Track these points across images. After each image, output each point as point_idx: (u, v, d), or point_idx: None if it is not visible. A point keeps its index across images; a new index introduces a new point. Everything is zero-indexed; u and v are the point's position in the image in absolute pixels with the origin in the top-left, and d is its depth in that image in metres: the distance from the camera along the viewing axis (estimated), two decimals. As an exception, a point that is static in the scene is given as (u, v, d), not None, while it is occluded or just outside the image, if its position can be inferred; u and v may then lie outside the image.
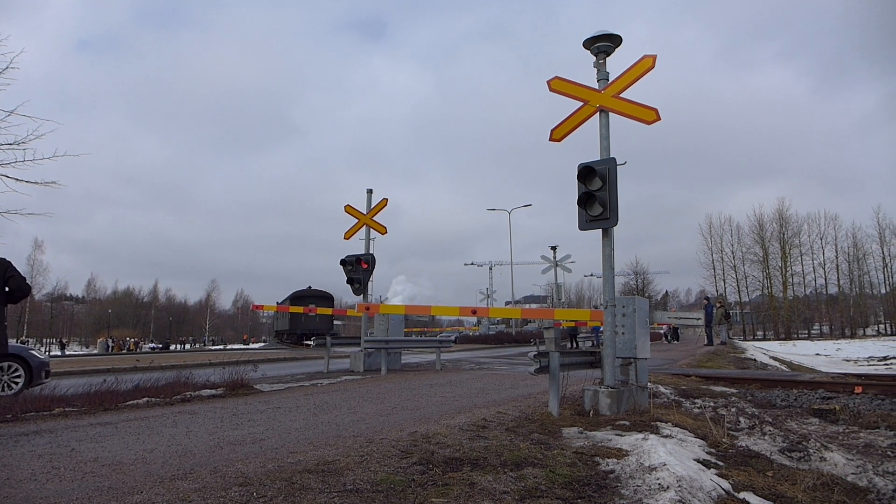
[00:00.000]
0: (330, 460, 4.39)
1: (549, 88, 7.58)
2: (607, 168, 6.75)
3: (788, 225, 69.44)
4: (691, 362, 15.85)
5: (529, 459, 4.44)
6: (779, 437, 6.35)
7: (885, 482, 5.14)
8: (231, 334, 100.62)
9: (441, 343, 15.12)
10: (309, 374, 13.78)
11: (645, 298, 7.37)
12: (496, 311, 9.95)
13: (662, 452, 4.59)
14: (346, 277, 14.60)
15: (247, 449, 5.03)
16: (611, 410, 6.49)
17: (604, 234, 6.92)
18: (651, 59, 6.95)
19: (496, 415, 6.57)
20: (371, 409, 7.51)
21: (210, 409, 7.67)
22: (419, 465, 4.25)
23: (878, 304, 73.42)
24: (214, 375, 10.35)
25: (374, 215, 15.07)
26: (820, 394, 9.22)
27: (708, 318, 23.82)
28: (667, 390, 8.89)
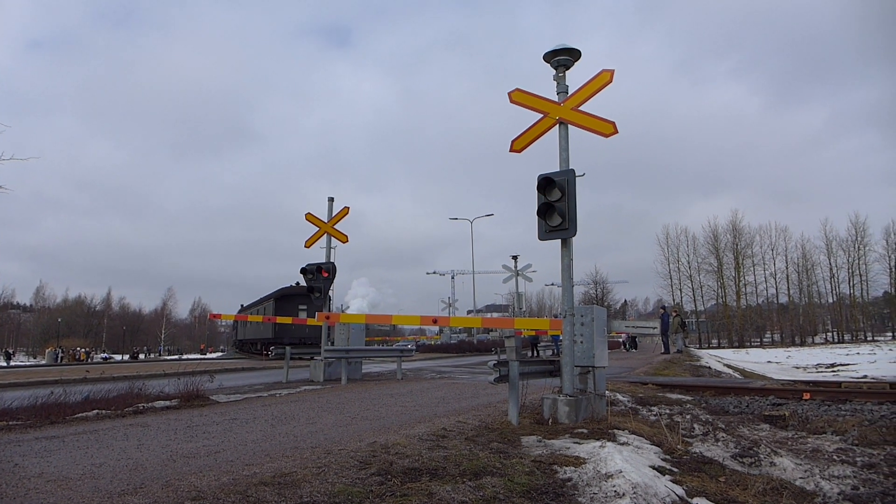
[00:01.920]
0: (287, 472, 4.32)
1: (509, 100, 7.68)
2: (566, 179, 6.86)
3: (741, 236, 71.66)
4: (648, 370, 16.15)
5: (488, 468, 4.45)
6: (731, 443, 6.51)
7: (831, 486, 5.33)
8: (188, 344, 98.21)
9: (402, 352, 15.05)
10: (267, 384, 13.54)
11: (603, 308, 7.49)
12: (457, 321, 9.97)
13: (619, 460, 4.66)
14: (307, 286, 14.45)
15: (201, 462, 4.92)
16: (569, 419, 6.56)
17: (563, 244, 7.01)
18: (609, 74, 7.10)
19: (456, 424, 6.57)
20: (330, 419, 7.42)
21: (163, 422, 7.47)
22: (378, 475, 4.22)
23: (825, 312, 76.16)
24: (169, 386, 10.08)
25: (336, 223, 14.96)
26: (771, 400, 9.50)
27: (664, 327, 24.31)
28: (624, 398, 9.03)
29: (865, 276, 71.50)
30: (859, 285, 71.90)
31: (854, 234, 71.03)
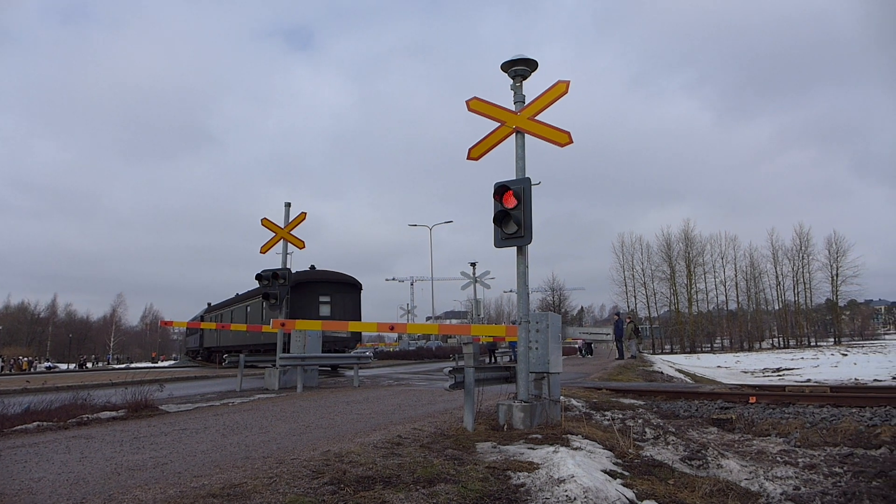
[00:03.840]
0: (237, 483, 4.23)
1: (467, 108, 7.73)
2: (522, 188, 6.93)
3: (693, 245, 73.61)
4: (603, 376, 16.41)
5: (442, 476, 4.45)
6: (681, 447, 6.67)
7: (774, 486, 5.51)
8: (139, 352, 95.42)
9: (359, 359, 14.92)
10: (220, 392, 13.24)
11: (558, 315, 7.59)
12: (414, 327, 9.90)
13: (571, 465, 4.72)
14: (262, 293, 14.21)
15: (147, 474, 4.77)
16: (524, 424, 6.61)
17: (518, 251, 7.08)
18: (565, 85, 7.22)
19: (412, 431, 6.54)
20: (284, 428, 7.30)
21: (109, 433, 7.22)
22: (330, 485, 4.17)
23: (772, 319, 78.83)
24: (116, 396, 9.77)
25: (292, 229, 14.79)
26: (719, 404, 9.76)
27: (619, 333, 24.78)
28: (579, 403, 9.15)
29: (809, 284, 74.40)
30: (803, 293, 74.76)
31: (799, 243, 73.90)
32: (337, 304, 23.09)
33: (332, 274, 24.36)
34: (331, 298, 23.01)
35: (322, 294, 22.96)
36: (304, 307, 22.09)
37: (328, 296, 22.97)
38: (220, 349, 32.73)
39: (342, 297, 23.46)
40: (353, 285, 24.79)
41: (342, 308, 23.16)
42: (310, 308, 22.44)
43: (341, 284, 24.21)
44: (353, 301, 24.01)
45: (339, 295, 23.41)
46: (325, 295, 22.89)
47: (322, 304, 22.86)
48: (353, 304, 23.92)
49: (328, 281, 23.75)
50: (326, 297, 22.94)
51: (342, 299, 23.45)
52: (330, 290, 23.20)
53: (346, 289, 24.10)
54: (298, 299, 22.01)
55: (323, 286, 23.36)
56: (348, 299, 23.79)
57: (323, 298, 22.85)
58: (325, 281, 23.73)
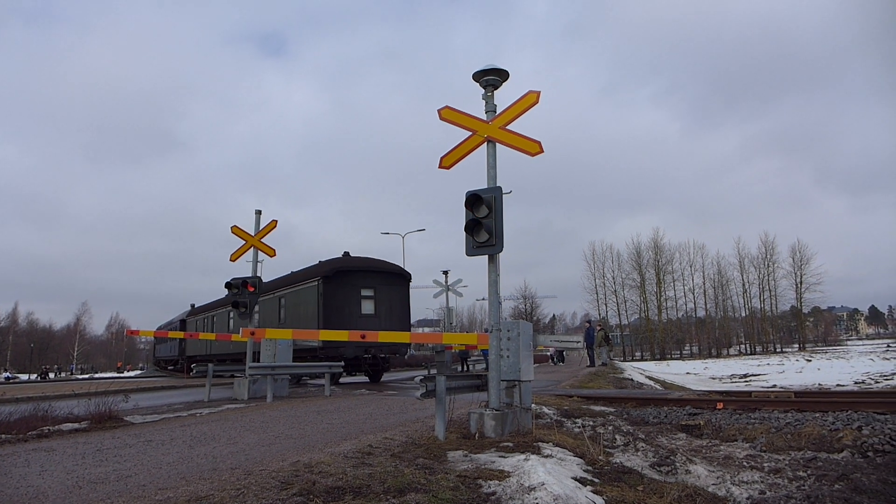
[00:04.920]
0: (203, 495, 4.15)
1: (439, 117, 7.76)
2: (493, 196, 6.97)
3: (662, 253, 74.63)
4: (574, 383, 16.51)
5: (413, 485, 4.42)
6: (650, 453, 6.74)
7: (740, 491, 5.60)
8: (104, 361, 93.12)
9: (331, 368, 14.78)
10: (188, 403, 13.00)
11: (529, 323, 7.62)
12: (385, 335, 9.84)
13: (542, 472, 4.74)
14: (231, 301, 14.02)
15: (110, 487, 4.65)
16: (495, 432, 6.61)
17: (490, 260, 7.11)
18: (535, 95, 7.29)
19: (383, 441, 6.50)
20: (253, 438, 7.19)
21: (71, 445, 7.03)
22: (299, 496, 4.11)
23: (739, 326, 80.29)
24: (79, 407, 9.51)
25: (263, 237, 14.62)
26: (687, 410, 9.89)
27: (589, 341, 24.99)
28: (550, 411, 9.19)
29: (774, 291, 76.02)
30: (769, 300, 76.34)
31: (764, 252, 75.50)
32: (382, 299, 19.38)
33: (376, 262, 20.21)
34: (374, 292, 19.26)
35: (364, 287, 19.16)
36: (343, 303, 18.50)
37: (371, 289, 19.22)
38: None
39: (388, 291, 19.70)
40: (400, 276, 20.68)
41: (388, 304, 19.58)
42: (349, 304, 18.74)
43: (387, 275, 20.07)
44: (400, 296, 20.12)
45: (385, 288, 19.63)
46: (368, 288, 19.14)
47: (364, 299, 19.06)
48: (400, 299, 20.12)
49: (371, 270, 19.68)
50: (369, 290, 19.19)
51: (388, 293, 19.68)
52: (374, 282, 19.36)
53: (393, 280, 20.10)
54: (335, 292, 18.39)
55: (365, 277, 19.43)
56: (395, 293, 19.95)
57: (365, 292, 19.10)
58: (368, 270, 19.64)
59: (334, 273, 18.87)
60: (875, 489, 5.31)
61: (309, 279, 19.70)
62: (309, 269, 20.68)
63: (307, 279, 19.83)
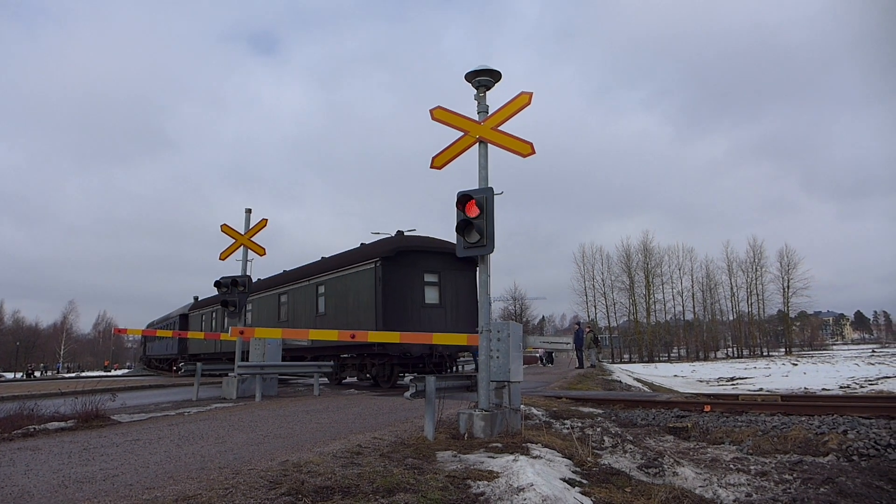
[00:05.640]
0: (191, 495, 4.13)
1: (431, 117, 7.76)
2: (485, 197, 6.98)
3: (652, 256, 75.07)
4: (563, 384, 16.55)
5: (402, 485, 4.42)
6: (638, 455, 6.77)
7: (727, 493, 5.64)
8: (91, 360, 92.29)
9: (320, 367, 14.73)
10: (176, 402, 12.92)
11: (519, 324, 7.64)
12: (375, 335, 9.80)
13: (531, 473, 4.75)
14: (221, 300, 13.96)
15: (96, 486, 4.62)
16: (485, 433, 6.62)
17: (480, 260, 7.12)
18: (527, 96, 7.31)
19: (372, 440, 6.49)
20: (241, 438, 7.16)
21: (57, 444, 6.97)
22: (288, 495, 4.10)
23: (726, 329, 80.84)
24: (65, 406, 9.44)
25: (253, 236, 14.57)
26: (675, 412, 9.94)
27: (578, 343, 25.05)
28: (539, 412, 9.21)
29: (762, 295, 76.64)
30: (756, 304, 76.95)
31: (752, 256, 76.12)
32: (448, 286, 16.58)
33: (440, 243, 16.92)
34: (439, 278, 16.46)
35: (428, 271, 16.30)
36: (404, 290, 15.79)
37: (436, 273, 16.38)
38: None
39: (454, 277, 16.82)
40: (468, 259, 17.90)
41: (454, 292, 16.77)
42: (411, 291, 15.97)
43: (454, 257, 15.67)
44: (467, 283, 17.12)
45: (451, 273, 16.71)
46: (432, 273, 16.31)
47: (428, 285, 16.25)
48: (468, 287, 17.07)
49: (435, 251, 16.50)
50: (433, 274, 16.36)
51: (454, 279, 16.80)
52: (438, 265, 16.41)
53: (460, 265, 16.74)
54: (396, 277, 15.56)
55: (428, 259, 16.44)
56: (462, 280, 17.00)
57: (429, 277, 16.27)
58: (432, 251, 16.59)
59: (396, 253, 15.87)
60: (860, 493, 5.37)
61: (362, 261, 16.56)
62: (360, 250, 17.72)
63: (360, 261, 16.66)
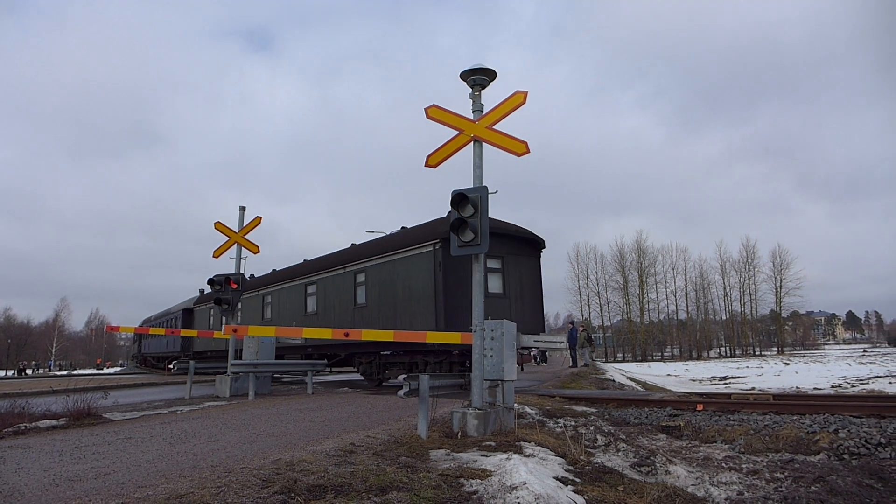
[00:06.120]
0: (183, 493, 4.11)
1: (426, 116, 7.76)
2: (479, 196, 6.98)
3: (645, 255, 75.21)
4: (556, 383, 16.58)
5: (395, 483, 4.42)
6: (630, 453, 6.80)
7: (719, 491, 5.66)
8: (83, 358, 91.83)
9: (313, 366, 14.71)
10: (168, 400, 12.87)
11: (512, 322, 7.64)
12: (369, 334, 9.74)
13: (524, 472, 4.76)
14: (214, 298, 13.92)
15: (88, 485, 4.60)
16: (478, 431, 6.63)
17: (474, 259, 7.13)
18: (523, 95, 7.31)
19: (365, 439, 6.48)
20: (234, 436, 7.14)
21: (48, 442, 6.93)
22: (280, 494, 4.09)
23: (719, 328, 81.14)
24: (56, 404, 9.39)
25: (247, 233, 14.53)
26: (668, 411, 9.98)
27: (572, 342, 25.09)
28: (532, 410, 9.23)
29: (755, 295, 76.92)
30: (749, 304, 77.22)
31: (745, 256, 76.40)
32: (511, 273, 14.93)
33: (503, 225, 15.04)
34: (502, 264, 14.74)
35: (490, 255, 14.28)
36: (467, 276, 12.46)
37: (498, 258, 14.66)
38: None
39: (518, 263, 15.16)
40: (533, 243, 15.79)
41: (518, 281, 15.16)
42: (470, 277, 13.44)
43: (517, 242, 15.33)
44: (531, 271, 15.59)
45: (514, 259, 15.10)
46: (495, 258, 14.62)
47: (491, 272, 14.49)
48: (531, 275, 15.58)
49: (498, 233, 14.01)
50: (496, 260, 14.64)
51: (518, 266, 15.15)
52: (501, 250, 14.71)
53: (524, 249, 15.41)
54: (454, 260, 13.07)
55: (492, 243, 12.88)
56: (526, 267, 15.41)
57: (492, 263, 14.50)
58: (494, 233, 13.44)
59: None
60: (850, 491, 5.40)
61: (416, 244, 14.47)
62: (414, 231, 15.57)
63: (413, 244, 14.60)
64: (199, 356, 26.88)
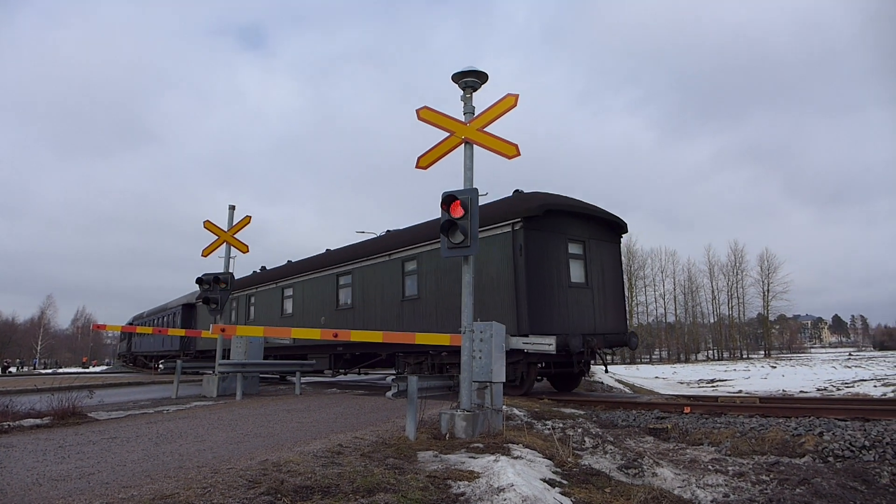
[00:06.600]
0: (168, 494, 4.08)
1: (417, 117, 7.76)
2: (469, 198, 6.98)
3: (635, 259, 75.60)
4: (545, 385, 16.60)
5: (382, 485, 4.41)
6: (618, 455, 6.82)
7: (705, 494, 5.70)
8: (69, 356, 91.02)
9: (302, 366, 14.65)
10: (154, 400, 12.77)
11: (502, 325, 7.65)
12: (358, 335, 9.68)
13: (511, 473, 4.76)
14: (202, 297, 13.84)
15: (71, 485, 4.55)
16: (466, 433, 6.63)
17: (464, 261, 7.12)
18: (514, 98, 7.33)
19: (353, 440, 6.47)
20: (221, 436, 7.09)
21: (31, 441, 6.86)
22: (267, 495, 4.07)
23: (707, 332, 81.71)
24: (41, 403, 9.30)
25: (236, 233, 14.45)
26: (655, 414, 10.01)
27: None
28: (520, 412, 9.24)
29: (742, 298, 77.60)
30: (737, 307, 77.90)
31: (733, 260, 77.09)
32: (594, 260, 13.40)
33: (583, 205, 13.56)
34: (584, 249, 13.21)
35: (573, 239, 12.99)
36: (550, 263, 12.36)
37: (580, 243, 13.13)
38: None
39: (599, 250, 13.65)
40: (615, 226, 14.26)
41: (600, 269, 13.63)
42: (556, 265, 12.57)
43: (599, 224, 13.82)
44: (612, 258, 14.16)
45: (597, 245, 13.58)
46: (577, 242, 13.08)
47: (573, 259, 12.96)
48: (612, 263, 14.14)
49: (580, 214, 13.26)
50: (578, 245, 13.10)
51: (600, 252, 13.64)
52: (583, 233, 13.26)
53: (606, 234, 13.99)
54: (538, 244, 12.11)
55: (573, 224, 13.13)
56: (608, 254, 13.97)
57: (573, 249, 13.00)
58: (577, 214, 13.26)
59: (544, 212, 12.22)
60: (835, 493, 5.45)
61: (489, 225, 12.43)
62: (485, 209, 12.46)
63: (491, 225, 12.53)
64: (203, 355, 25.06)
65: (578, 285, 12.90)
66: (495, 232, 12.59)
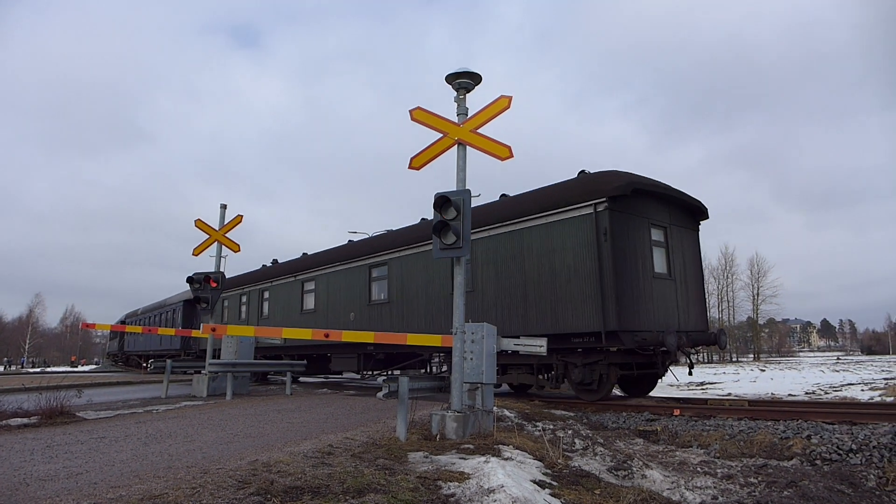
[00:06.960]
0: (157, 494, 4.06)
1: (411, 118, 7.76)
2: (462, 199, 6.99)
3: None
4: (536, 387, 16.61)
5: (373, 486, 4.41)
6: (608, 457, 6.85)
7: (694, 496, 5.73)
8: (57, 355, 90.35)
9: (292, 366, 14.61)
10: (144, 399, 12.70)
11: (493, 325, 7.66)
12: (349, 335, 9.65)
13: (501, 475, 4.77)
14: (193, 296, 13.78)
15: (59, 485, 4.52)
16: (457, 434, 6.63)
17: (456, 262, 7.13)
18: (507, 100, 7.35)
19: (343, 440, 6.46)
20: (211, 436, 7.07)
21: (18, 441, 6.81)
22: (256, 495, 4.06)
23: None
24: (28, 402, 9.22)
25: (227, 232, 14.40)
26: (645, 416, 10.06)
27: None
28: (511, 414, 9.25)
29: (732, 302, 77.86)
30: (727, 310, 78.18)
31: (724, 263, 77.34)
32: (675, 249, 12.37)
33: (666, 188, 12.30)
34: (665, 236, 12.14)
35: (655, 224, 11.91)
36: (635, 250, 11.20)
37: (661, 229, 12.08)
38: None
39: (681, 237, 12.64)
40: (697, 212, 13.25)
41: (681, 258, 12.60)
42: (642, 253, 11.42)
43: (681, 209, 12.85)
44: (693, 246, 13.14)
45: (679, 232, 12.58)
46: (659, 228, 12.03)
47: (655, 246, 11.86)
48: (693, 252, 13.12)
49: (663, 196, 12.18)
50: (659, 231, 12.03)
51: (681, 241, 12.63)
52: (665, 219, 12.25)
53: (686, 220, 13.01)
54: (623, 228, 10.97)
55: (658, 209, 12.09)
56: (688, 242, 12.94)
57: (656, 236, 11.92)
58: (662, 196, 12.14)
59: (632, 191, 11.05)
60: (822, 496, 5.49)
61: (565, 206, 11.36)
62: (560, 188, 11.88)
63: (557, 207, 11.50)
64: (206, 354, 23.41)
65: (661, 276, 11.77)
66: (571, 214, 11.24)
